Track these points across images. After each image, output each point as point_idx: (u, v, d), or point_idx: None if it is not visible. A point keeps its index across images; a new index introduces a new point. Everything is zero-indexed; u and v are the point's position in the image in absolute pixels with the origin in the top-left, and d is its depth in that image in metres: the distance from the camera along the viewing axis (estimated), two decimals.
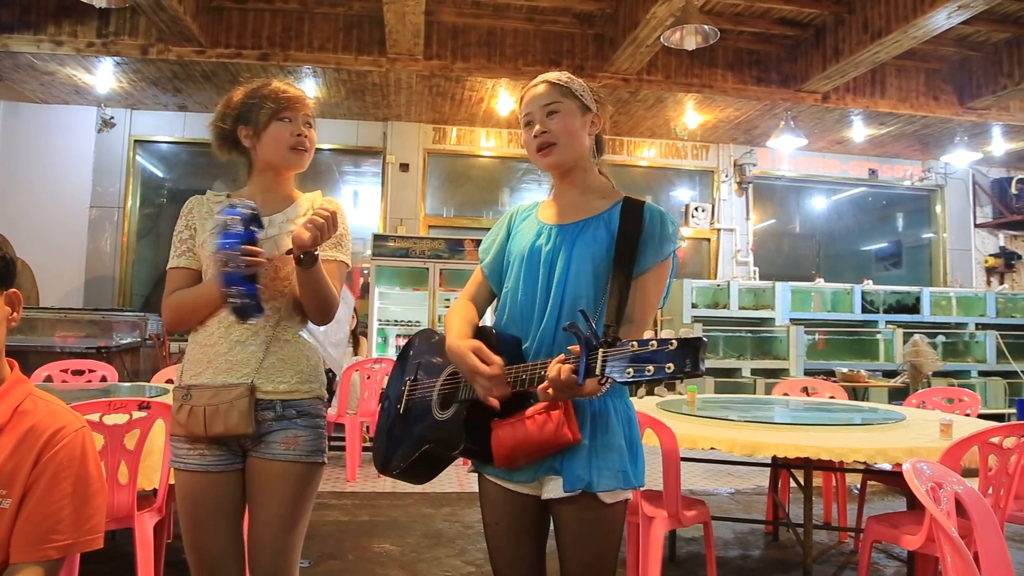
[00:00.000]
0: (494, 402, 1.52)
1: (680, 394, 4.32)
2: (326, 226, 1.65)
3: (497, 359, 1.53)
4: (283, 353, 1.79)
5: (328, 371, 3.12)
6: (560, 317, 1.60)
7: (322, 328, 1.93)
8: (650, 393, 4.15)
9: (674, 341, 1.23)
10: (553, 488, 1.56)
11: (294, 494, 1.75)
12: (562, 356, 1.41)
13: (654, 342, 1.25)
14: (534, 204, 1.84)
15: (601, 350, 1.31)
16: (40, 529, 1.26)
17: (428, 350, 1.84)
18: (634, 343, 1.27)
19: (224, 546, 1.74)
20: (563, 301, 1.61)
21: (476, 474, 1.74)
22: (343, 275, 1.91)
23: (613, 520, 1.57)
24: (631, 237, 1.61)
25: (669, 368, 1.22)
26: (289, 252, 1.70)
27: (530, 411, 1.51)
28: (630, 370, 1.25)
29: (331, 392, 4.86)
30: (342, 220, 1.88)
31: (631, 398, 1.69)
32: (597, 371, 1.30)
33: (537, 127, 1.69)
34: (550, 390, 1.42)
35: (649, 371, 1.24)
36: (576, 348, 1.35)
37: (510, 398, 1.52)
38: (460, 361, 1.58)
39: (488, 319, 1.81)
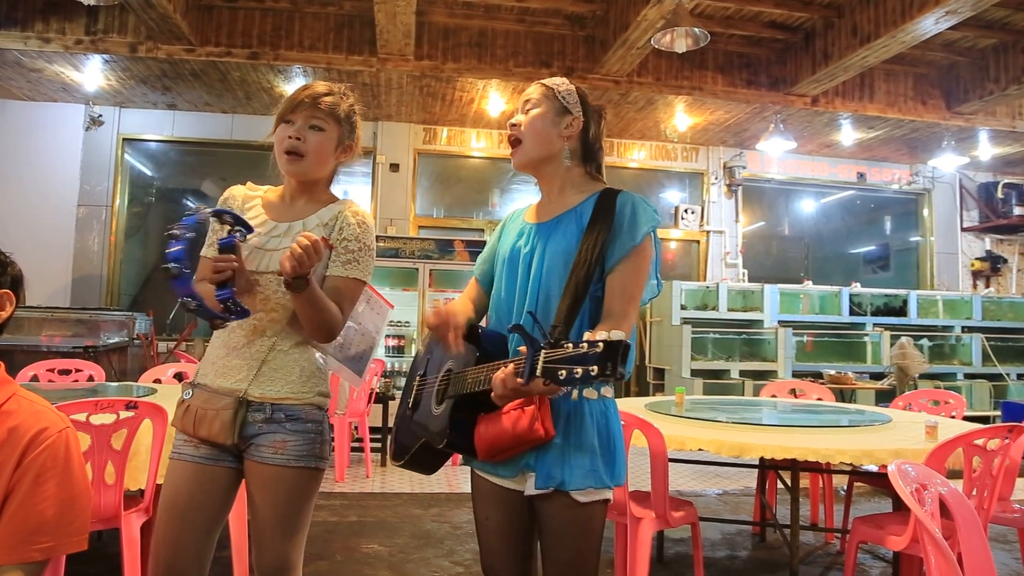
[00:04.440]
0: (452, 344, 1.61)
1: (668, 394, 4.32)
2: (305, 256, 1.58)
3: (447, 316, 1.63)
4: (277, 363, 1.79)
5: None
6: None
7: (343, 341, 1.92)
8: (640, 394, 4.17)
9: (600, 343, 1.24)
10: (530, 485, 1.59)
11: (285, 499, 1.75)
12: (517, 359, 1.44)
13: (585, 343, 1.26)
14: (527, 207, 1.88)
15: (543, 351, 1.32)
16: (23, 531, 1.25)
17: (437, 346, 1.87)
18: (569, 344, 1.28)
19: (192, 540, 1.72)
20: (536, 299, 1.64)
21: (465, 477, 1.78)
22: (356, 293, 1.86)
23: (591, 519, 1.59)
24: (599, 229, 1.61)
25: (593, 371, 1.23)
26: (280, 274, 1.68)
27: (507, 407, 1.54)
28: (563, 372, 1.27)
29: None
30: (366, 236, 1.87)
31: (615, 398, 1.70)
32: (538, 372, 1.32)
33: (513, 119, 1.77)
34: (501, 392, 1.45)
35: (578, 373, 1.25)
36: (526, 349, 1.37)
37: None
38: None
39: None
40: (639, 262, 1.62)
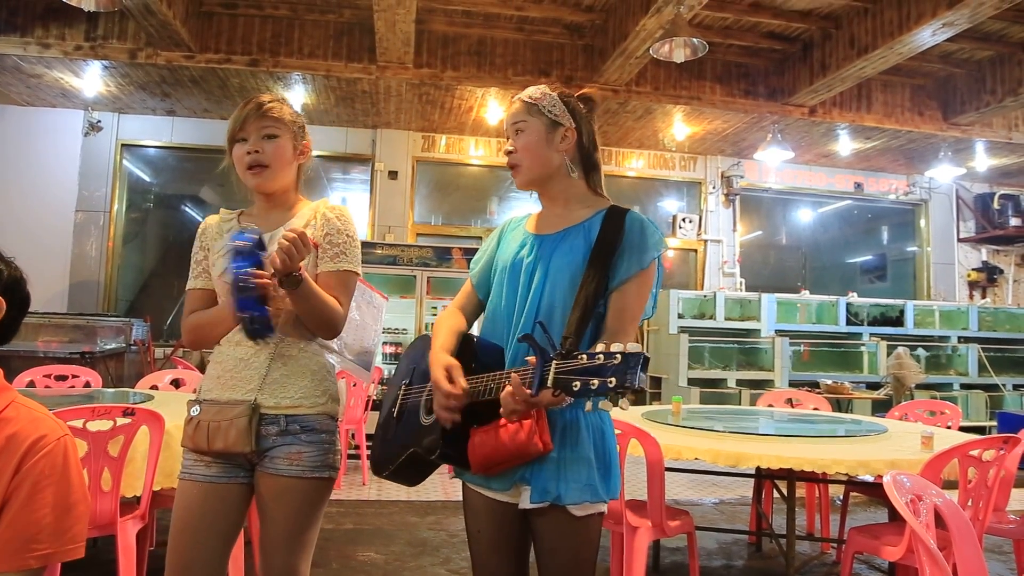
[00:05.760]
0: (445, 417, 1.56)
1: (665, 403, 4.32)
2: (293, 249, 1.60)
3: (463, 383, 1.55)
4: (287, 369, 1.79)
5: None
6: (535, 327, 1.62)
7: (343, 339, 1.92)
8: (637, 403, 4.17)
9: (618, 355, 1.23)
10: (525, 498, 1.58)
11: (299, 509, 1.75)
12: (521, 369, 1.43)
13: (601, 355, 1.25)
14: (526, 216, 1.86)
15: (554, 362, 1.31)
16: (20, 538, 1.25)
17: (423, 355, 1.85)
18: (583, 355, 1.27)
19: (205, 561, 1.71)
20: (539, 311, 1.63)
21: (461, 482, 1.75)
22: (351, 284, 1.87)
23: (587, 533, 1.58)
24: (608, 246, 1.61)
25: (611, 383, 1.22)
26: (273, 275, 1.69)
27: (504, 419, 1.52)
28: (577, 383, 1.26)
29: None
30: (348, 227, 1.89)
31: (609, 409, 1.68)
32: (549, 383, 1.31)
33: (507, 145, 1.75)
34: (512, 410, 1.45)
35: (593, 384, 1.24)
36: (534, 359, 1.36)
37: (489, 406, 1.53)
38: (431, 372, 1.62)
39: (477, 329, 1.83)
40: (643, 285, 1.62)
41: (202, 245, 1.93)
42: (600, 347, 1.26)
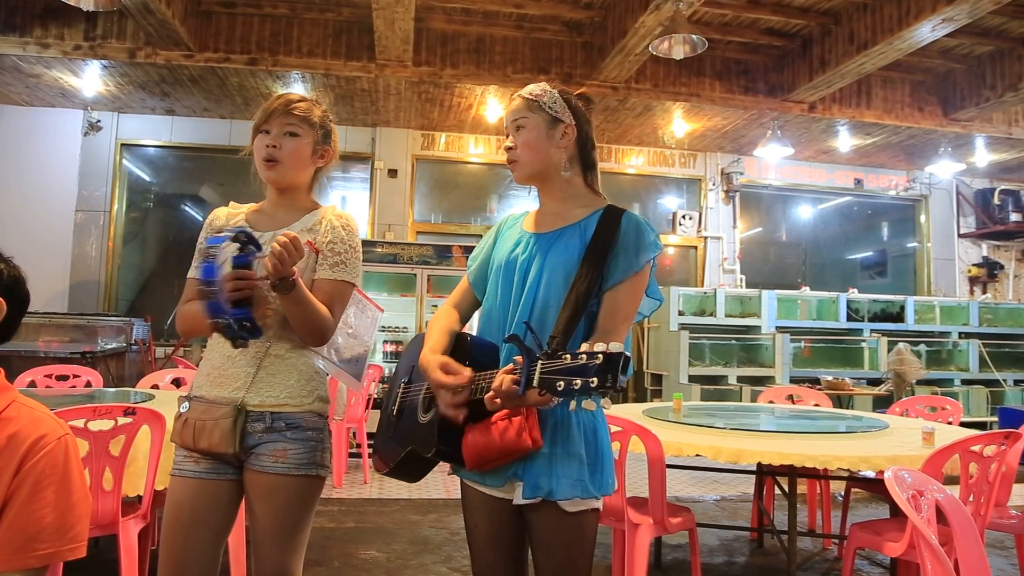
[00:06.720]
0: (455, 415, 1.55)
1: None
2: (285, 253, 1.61)
3: (466, 371, 1.55)
4: (274, 368, 1.79)
5: None
6: None
7: (334, 342, 1.92)
8: (638, 400, 4.17)
9: (600, 355, 1.24)
10: (518, 494, 1.59)
11: (286, 506, 1.75)
12: (509, 367, 1.44)
13: (584, 355, 1.26)
14: (523, 213, 1.86)
15: (540, 362, 1.32)
16: (21, 537, 1.25)
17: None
18: (567, 355, 1.28)
19: (197, 556, 1.72)
20: (533, 309, 1.63)
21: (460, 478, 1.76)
22: (345, 295, 1.87)
23: (580, 529, 1.59)
24: (603, 246, 1.61)
25: (593, 383, 1.24)
26: (265, 279, 1.69)
27: (495, 417, 1.54)
28: (561, 383, 1.27)
29: None
30: (352, 238, 1.89)
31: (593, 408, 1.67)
32: (535, 383, 1.32)
33: (506, 141, 1.75)
34: (496, 400, 1.45)
35: (576, 384, 1.25)
36: (521, 359, 1.37)
37: (482, 404, 1.53)
38: (427, 376, 1.62)
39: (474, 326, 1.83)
40: (637, 286, 1.63)
41: (207, 235, 1.93)
42: (584, 347, 1.27)
